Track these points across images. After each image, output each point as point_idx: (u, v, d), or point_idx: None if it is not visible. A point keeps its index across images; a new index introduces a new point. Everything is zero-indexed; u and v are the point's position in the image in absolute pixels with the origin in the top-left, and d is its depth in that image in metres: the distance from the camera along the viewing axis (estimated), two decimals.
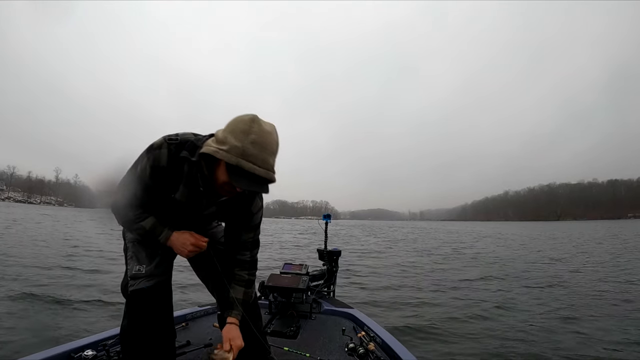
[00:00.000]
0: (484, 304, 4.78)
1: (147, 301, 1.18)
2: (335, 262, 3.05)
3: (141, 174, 1.09)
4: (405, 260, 10.20)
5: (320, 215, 3.49)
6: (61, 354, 1.44)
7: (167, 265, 1.28)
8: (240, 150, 0.94)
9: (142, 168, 1.09)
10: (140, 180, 1.10)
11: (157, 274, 1.22)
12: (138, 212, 1.15)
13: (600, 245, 16.04)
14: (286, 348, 1.72)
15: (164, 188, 1.12)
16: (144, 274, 1.19)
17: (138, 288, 1.18)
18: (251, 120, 0.97)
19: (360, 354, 1.62)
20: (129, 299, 1.20)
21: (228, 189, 1.06)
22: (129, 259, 1.25)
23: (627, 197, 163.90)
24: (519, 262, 9.88)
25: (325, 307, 2.45)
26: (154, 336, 1.18)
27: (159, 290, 1.22)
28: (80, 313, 3.76)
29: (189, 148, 1.06)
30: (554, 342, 3.31)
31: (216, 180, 1.05)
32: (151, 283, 1.19)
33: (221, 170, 1.01)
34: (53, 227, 17.46)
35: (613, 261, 9.78)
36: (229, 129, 0.98)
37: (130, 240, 1.27)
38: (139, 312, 1.18)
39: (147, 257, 1.22)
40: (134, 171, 1.12)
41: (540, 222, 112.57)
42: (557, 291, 5.74)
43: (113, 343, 1.60)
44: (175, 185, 1.12)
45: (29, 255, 7.36)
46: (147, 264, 1.21)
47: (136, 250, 1.24)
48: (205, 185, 1.10)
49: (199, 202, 1.16)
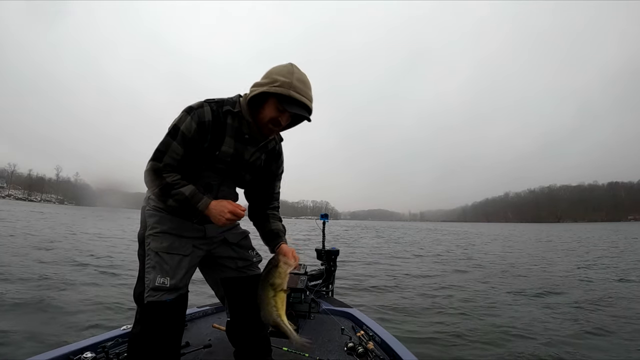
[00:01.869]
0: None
1: (166, 315, 1.17)
2: (333, 261, 3.05)
3: (185, 132, 1.14)
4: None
5: (319, 215, 3.51)
6: (60, 357, 1.43)
7: (190, 275, 1.26)
8: (289, 84, 1.13)
9: (186, 126, 1.14)
10: (183, 138, 1.14)
11: (180, 287, 1.19)
12: (177, 178, 1.15)
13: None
14: (285, 348, 1.72)
15: (210, 144, 1.18)
16: (168, 287, 1.16)
17: (159, 300, 1.15)
18: (291, 65, 1.18)
19: (359, 353, 1.62)
20: (146, 309, 1.18)
21: (273, 125, 1.20)
22: (148, 267, 1.19)
23: (627, 199, 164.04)
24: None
25: (324, 306, 2.45)
26: (165, 347, 1.18)
27: (179, 304, 1.21)
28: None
29: (229, 103, 1.22)
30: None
31: (261, 120, 1.20)
32: (173, 296, 1.17)
33: (269, 107, 1.17)
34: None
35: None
36: (274, 72, 1.16)
37: (153, 249, 1.22)
38: (155, 324, 1.17)
39: (172, 269, 1.18)
40: (175, 132, 1.15)
41: (543, 224, 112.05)
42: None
43: (112, 345, 1.59)
44: (220, 140, 1.20)
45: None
46: (172, 277, 1.17)
47: (160, 261, 1.19)
48: (250, 132, 1.23)
49: (245, 149, 1.25)
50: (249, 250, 1.43)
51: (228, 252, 1.37)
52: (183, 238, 1.24)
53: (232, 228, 1.41)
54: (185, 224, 1.24)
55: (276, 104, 1.16)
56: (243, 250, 1.41)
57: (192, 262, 1.26)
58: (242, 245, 1.42)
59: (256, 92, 1.15)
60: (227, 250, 1.37)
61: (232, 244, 1.38)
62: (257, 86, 1.17)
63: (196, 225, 1.26)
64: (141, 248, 1.25)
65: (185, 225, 1.24)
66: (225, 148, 1.21)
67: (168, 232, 1.22)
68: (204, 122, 1.16)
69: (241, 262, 1.39)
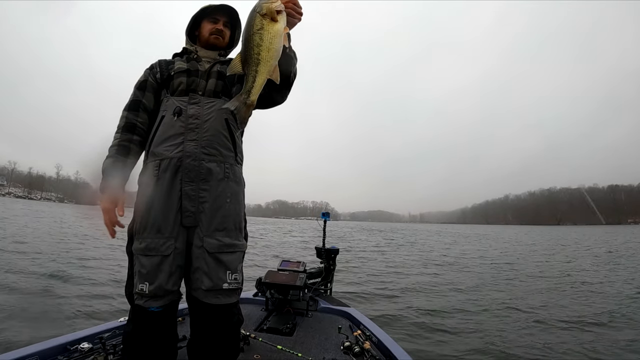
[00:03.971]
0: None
1: (153, 324, 1.15)
2: (333, 260, 3.05)
3: (139, 80, 1.31)
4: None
5: (319, 215, 3.52)
6: (57, 347, 1.43)
7: (176, 278, 1.15)
8: (207, 5, 1.37)
9: (139, 78, 1.32)
10: (137, 85, 1.30)
11: (162, 294, 1.12)
12: (116, 140, 1.23)
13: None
14: (279, 346, 1.71)
15: (162, 72, 1.30)
16: (147, 294, 1.11)
17: (144, 306, 1.13)
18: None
19: (355, 353, 1.62)
20: (134, 311, 1.17)
21: (216, 34, 1.37)
22: (134, 269, 1.16)
23: (627, 202, 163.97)
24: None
25: (322, 304, 2.44)
26: (156, 351, 1.17)
27: (167, 314, 1.17)
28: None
29: (174, 55, 1.39)
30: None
31: (205, 40, 1.37)
32: (158, 304, 1.12)
33: (204, 27, 1.37)
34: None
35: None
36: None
37: (134, 250, 1.16)
38: (143, 330, 1.16)
39: (149, 274, 1.11)
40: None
41: (543, 227, 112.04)
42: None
43: (109, 336, 1.59)
44: (171, 64, 1.32)
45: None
46: (151, 281, 1.10)
47: (138, 264, 1.14)
48: (198, 53, 1.35)
49: (199, 65, 1.31)
50: (226, 271, 1.14)
51: (199, 262, 1.14)
52: (162, 233, 1.13)
53: (222, 230, 1.17)
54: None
55: (206, 20, 1.37)
56: (218, 267, 1.14)
57: (176, 262, 1.13)
58: (220, 259, 1.14)
59: (189, 23, 1.39)
60: (200, 259, 1.14)
61: (209, 253, 1.14)
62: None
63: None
64: (130, 244, 1.19)
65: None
66: (178, 65, 1.30)
67: (148, 227, 1.14)
68: (152, 65, 1.33)
69: (207, 282, 1.12)
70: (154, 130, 1.23)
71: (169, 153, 1.17)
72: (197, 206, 1.16)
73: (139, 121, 1.25)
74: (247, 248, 1.27)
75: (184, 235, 1.17)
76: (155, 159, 1.19)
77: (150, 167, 1.20)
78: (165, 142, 1.19)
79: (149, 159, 1.22)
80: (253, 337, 1.80)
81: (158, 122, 1.23)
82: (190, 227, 1.17)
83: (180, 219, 1.15)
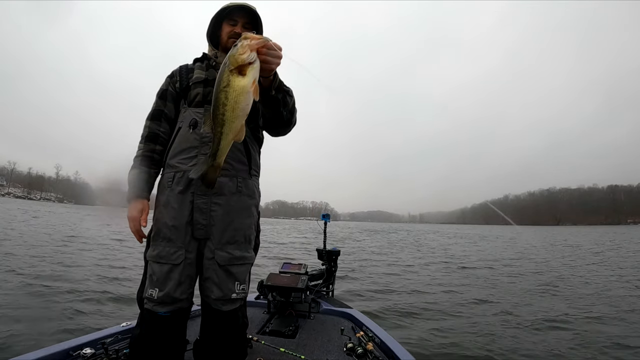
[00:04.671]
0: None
1: (161, 328, 1.16)
2: (334, 261, 3.05)
3: (161, 88, 1.33)
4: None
5: (319, 216, 3.53)
6: (60, 352, 1.43)
7: (187, 287, 1.17)
8: (226, 5, 1.31)
9: (160, 86, 1.34)
10: (158, 94, 1.32)
11: (170, 301, 1.14)
12: (140, 150, 1.26)
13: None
14: (282, 349, 1.71)
15: (181, 81, 1.30)
16: (156, 299, 1.13)
17: (152, 310, 1.14)
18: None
19: (358, 354, 1.62)
20: (144, 315, 1.19)
21: (231, 34, 1.30)
22: (147, 274, 1.19)
23: (626, 202, 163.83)
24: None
25: (324, 306, 2.45)
26: (163, 356, 1.18)
27: (175, 319, 1.18)
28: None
29: (195, 60, 1.38)
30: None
31: (225, 43, 1.31)
32: (165, 310, 1.14)
33: (224, 29, 1.32)
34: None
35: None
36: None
37: (147, 257, 1.20)
38: (152, 334, 1.17)
39: (159, 280, 1.13)
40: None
41: (542, 227, 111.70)
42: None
43: (112, 342, 1.59)
44: (190, 73, 1.32)
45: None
46: (160, 288, 1.13)
47: (150, 270, 1.17)
48: (217, 59, 1.32)
49: (217, 71, 1.27)
50: (235, 282, 1.20)
51: (210, 273, 1.18)
52: (174, 243, 1.16)
53: (233, 243, 1.21)
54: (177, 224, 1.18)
55: (225, 22, 1.32)
56: (228, 278, 1.19)
57: (186, 272, 1.16)
58: (230, 272, 1.19)
59: (209, 25, 1.35)
60: (210, 270, 1.19)
61: (219, 265, 1.18)
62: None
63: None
64: (147, 250, 1.23)
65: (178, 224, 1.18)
66: (196, 75, 1.29)
67: (161, 236, 1.18)
68: (173, 72, 1.34)
69: (217, 292, 1.18)
70: (171, 142, 1.26)
71: (183, 166, 1.20)
72: (209, 219, 1.19)
73: (161, 131, 1.29)
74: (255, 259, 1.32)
75: (196, 246, 1.20)
76: (171, 170, 1.23)
77: (165, 179, 1.24)
78: (180, 154, 1.22)
79: (166, 170, 1.26)
80: (256, 340, 1.80)
81: (175, 133, 1.26)
82: (202, 239, 1.20)
83: (191, 231, 1.18)
